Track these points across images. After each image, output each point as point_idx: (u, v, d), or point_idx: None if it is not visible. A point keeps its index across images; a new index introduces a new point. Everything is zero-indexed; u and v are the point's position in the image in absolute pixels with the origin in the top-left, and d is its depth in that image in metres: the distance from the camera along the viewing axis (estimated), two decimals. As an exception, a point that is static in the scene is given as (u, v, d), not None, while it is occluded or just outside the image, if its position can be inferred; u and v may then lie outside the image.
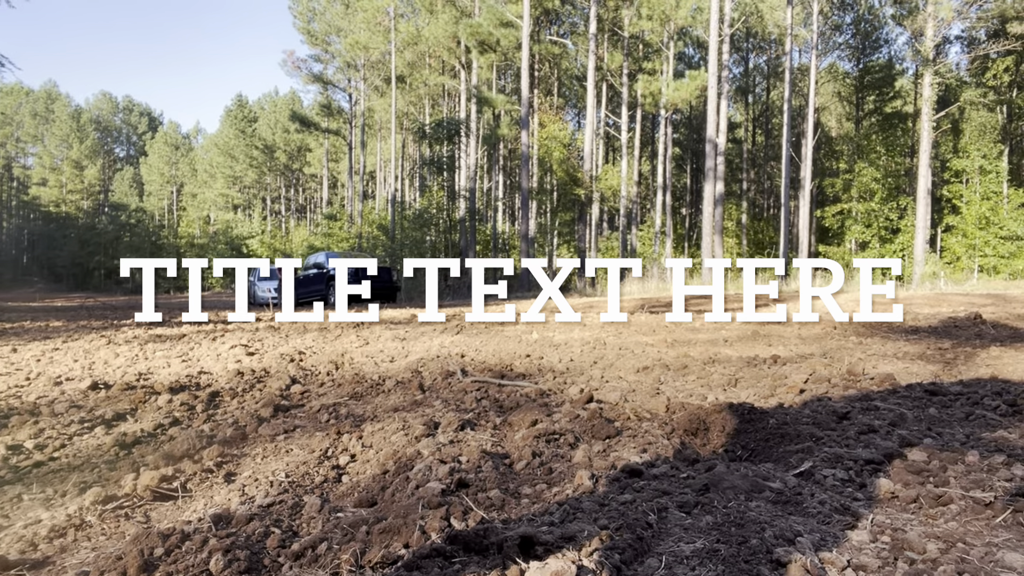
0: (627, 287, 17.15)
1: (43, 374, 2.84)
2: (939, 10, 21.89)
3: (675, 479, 1.27)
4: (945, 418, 1.72)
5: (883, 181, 27.23)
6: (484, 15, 24.49)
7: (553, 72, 32.32)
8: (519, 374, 2.80)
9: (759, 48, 35.04)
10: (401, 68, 31.28)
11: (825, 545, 0.91)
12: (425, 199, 26.93)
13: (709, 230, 19.25)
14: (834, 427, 1.68)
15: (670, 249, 27.20)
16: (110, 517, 1.20)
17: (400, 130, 36.19)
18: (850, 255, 28.30)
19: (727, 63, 21.00)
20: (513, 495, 1.21)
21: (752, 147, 38.96)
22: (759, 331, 4.53)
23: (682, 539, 0.96)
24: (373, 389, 2.49)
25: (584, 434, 1.62)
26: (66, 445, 1.70)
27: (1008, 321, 4.86)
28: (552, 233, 31.61)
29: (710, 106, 19.38)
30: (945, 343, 3.61)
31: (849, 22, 31.40)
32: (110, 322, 6.26)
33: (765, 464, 1.46)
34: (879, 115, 32.52)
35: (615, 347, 3.71)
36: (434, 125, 24.62)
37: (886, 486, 1.22)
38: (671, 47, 26.89)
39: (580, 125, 39.74)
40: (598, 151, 29.10)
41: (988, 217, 23.69)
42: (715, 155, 19.27)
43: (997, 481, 1.23)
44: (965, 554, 0.90)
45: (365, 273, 14.76)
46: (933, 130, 23.68)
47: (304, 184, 53.43)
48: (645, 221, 31.96)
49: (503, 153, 32.37)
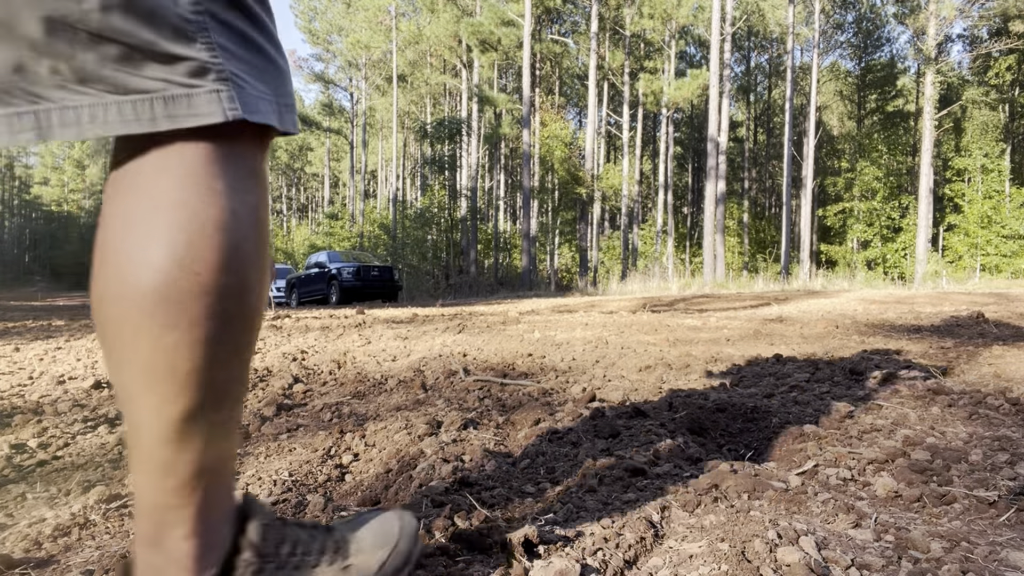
0: (629, 286, 17.16)
1: (46, 373, 2.84)
2: (941, 9, 21.85)
3: (678, 478, 1.27)
4: (948, 417, 1.72)
5: (885, 180, 27.18)
6: (485, 14, 24.49)
7: (554, 71, 32.31)
8: (521, 373, 2.81)
9: (761, 47, 35.00)
10: (402, 67, 31.29)
11: (828, 544, 0.91)
12: (426, 198, 26.96)
13: (711, 229, 19.24)
14: (837, 426, 1.68)
15: (672, 248, 27.22)
16: (114, 516, 1.20)
17: (401, 129, 36.21)
18: (852, 254, 28.29)
19: (729, 62, 20.98)
20: (516, 494, 1.21)
21: (754, 146, 38.93)
22: (761, 330, 4.52)
23: (686, 538, 0.96)
24: (375, 388, 2.49)
25: (587, 433, 1.62)
26: (69, 444, 1.70)
27: (1011, 320, 4.85)
28: (554, 232, 31.63)
29: (712, 105, 19.37)
30: (948, 342, 3.61)
31: (851, 21, 31.35)
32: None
33: (768, 463, 1.46)
34: (881, 114, 32.47)
35: (617, 346, 3.72)
36: (435, 124, 24.63)
37: (889, 485, 1.22)
38: (672, 46, 26.87)
39: (582, 124, 39.74)
40: (599, 150, 29.11)
41: (990, 216, 23.65)
42: (717, 154, 19.26)
43: (1000, 480, 1.23)
44: (969, 553, 0.90)
45: (367, 272, 14.78)
46: (935, 129, 23.65)
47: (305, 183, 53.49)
48: (647, 220, 31.96)
49: (504, 152, 32.37)
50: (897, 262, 26.10)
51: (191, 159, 0.49)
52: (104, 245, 0.50)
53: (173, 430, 0.52)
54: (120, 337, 0.50)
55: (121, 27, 0.45)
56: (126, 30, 0.46)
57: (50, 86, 0.46)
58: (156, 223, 0.48)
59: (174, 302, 0.48)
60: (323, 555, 0.66)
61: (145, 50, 0.47)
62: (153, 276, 0.48)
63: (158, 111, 0.48)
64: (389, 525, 0.74)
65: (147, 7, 0.46)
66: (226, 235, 0.50)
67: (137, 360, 0.50)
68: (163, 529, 0.56)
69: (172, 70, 0.48)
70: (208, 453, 0.55)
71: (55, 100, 0.46)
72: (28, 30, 0.44)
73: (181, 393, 0.51)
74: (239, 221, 0.50)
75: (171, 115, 0.48)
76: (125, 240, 0.48)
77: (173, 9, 0.47)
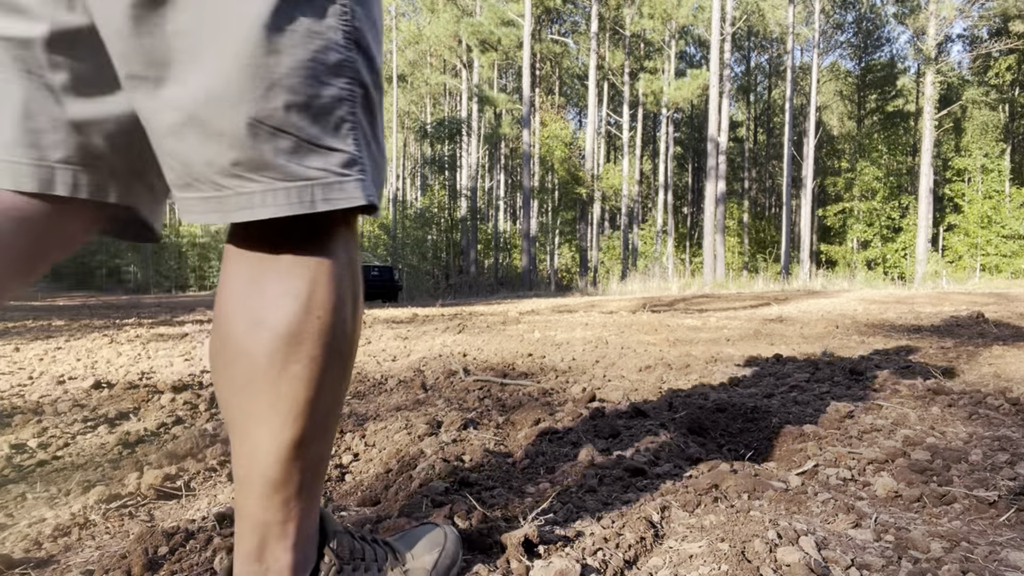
0: (629, 286, 17.16)
1: (46, 373, 2.84)
2: (941, 9, 21.86)
3: (678, 478, 1.27)
4: (948, 417, 1.72)
5: (885, 180, 27.18)
6: (485, 14, 24.49)
7: (554, 71, 32.31)
8: (521, 373, 2.81)
9: (761, 47, 34.98)
10: (402, 67, 31.30)
11: (828, 544, 0.91)
12: (426, 198, 26.98)
13: (711, 229, 19.24)
14: (837, 426, 1.68)
15: (672, 248, 27.21)
16: (114, 516, 1.20)
17: (401, 129, 36.20)
18: (852, 254, 28.29)
19: (729, 62, 20.99)
20: (516, 494, 1.21)
21: (754, 146, 38.92)
22: (761, 330, 4.52)
23: (686, 538, 0.96)
24: (375, 388, 2.49)
25: (587, 433, 1.62)
26: (69, 444, 1.70)
27: (1011, 320, 4.85)
28: (554, 232, 31.63)
29: (712, 105, 19.38)
30: (948, 342, 3.61)
31: (851, 21, 31.34)
32: (112, 321, 6.27)
33: (768, 463, 1.46)
34: (881, 114, 32.44)
35: (617, 346, 3.72)
36: (435, 124, 24.64)
37: (889, 485, 1.22)
38: (672, 46, 26.86)
39: (582, 124, 39.74)
40: (600, 150, 29.10)
41: (990, 216, 23.64)
42: (717, 154, 19.26)
43: (1000, 480, 1.23)
44: (969, 553, 0.90)
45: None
46: (935, 129, 23.66)
47: (305, 183, 53.47)
48: (647, 220, 31.94)
49: (504, 152, 32.36)
50: (897, 262, 26.11)
51: (314, 227, 0.60)
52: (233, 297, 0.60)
53: (288, 450, 0.61)
54: (252, 369, 0.59)
55: (296, 123, 0.55)
56: (300, 126, 0.55)
57: (229, 175, 0.55)
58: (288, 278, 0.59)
59: (302, 339, 0.59)
60: (385, 561, 0.77)
61: (311, 143, 0.56)
62: (287, 319, 0.58)
63: (317, 195, 0.57)
64: (435, 534, 0.86)
65: (317, 107, 0.56)
66: (336, 284, 0.61)
67: (264, 389, 0.59)
68: (267, 543, 0.64)
69: (329, 160, 0.58)
70: (310, 471, 0.64)
71: (232, 187, 0.56)
72: (231, 130, 0.53)
73: (299, 417, 0.60)
74: (343, 273, 0.62)
75: (327, 199, 0.58)
76: (263, 292, 0.59)
77: (335, 111, 0.57)
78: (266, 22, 0.52)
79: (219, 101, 0.53)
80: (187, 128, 0.54)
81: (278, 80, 0.53)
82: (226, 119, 0.53)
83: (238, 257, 0.61)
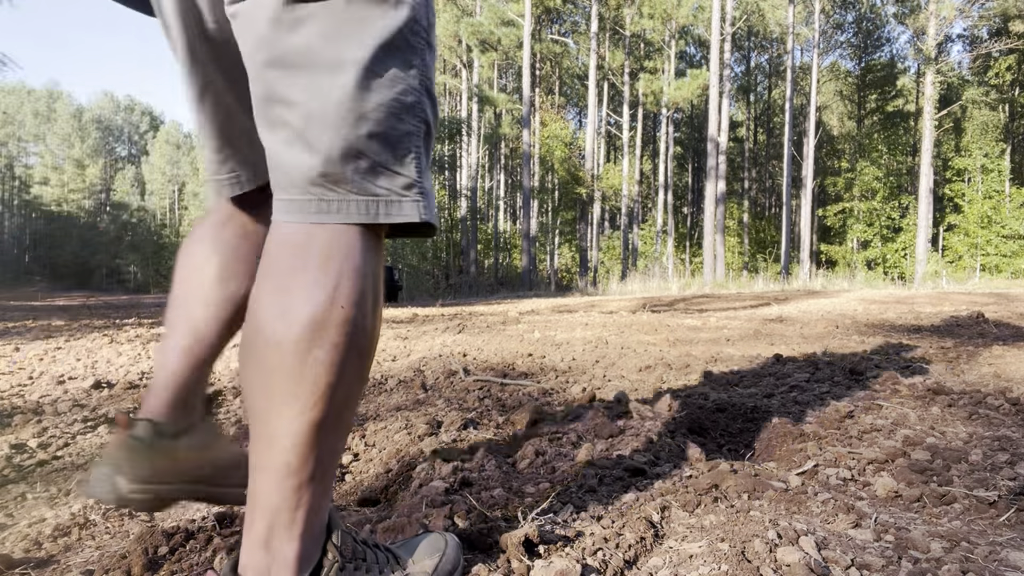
0: (629, 286, 17.16)
1: (46, 373, 2.84)
2: (941, 9, 21.85)
3: (678, 478, 1.27)
4: (948, 417, 1.72)
5: (885, 180, 27.16)
6: (485, 14, 24.49)
7: (554, 71, 32.30)
8: (521, 373, 2.81)
9: (761, 47, 34.97)
10: (402, 67, 31.14)
11: (828, 544, 0.91)
12: (426, 198, 26.81)
13: (711, 229, 19.24)
14: (837, 426, 1.68)
15: (672, 248, 27.20)
16: (114, 516, 1.20)
17: (401, 129, 36.08)
18: (852, 254, 28.27)
19: (729, 62, 20.99)
20: (516, 494, 1.21)
21: (754, 146, 38.91)
22: (761, 330, 4.52)
23: (686, 538, 0.96)
24: (376, 388, 2.49)
25: (587, 433, 1.62)
26: (69, 444, 1.70)
27: (1011, 320, 4.86)
28: (554, 232, 31.62)
29: (712, 105, 19.38)
30: (948, 342, 3.61)
31: (851, 21, 31.32)
32: (112, 321, 6.27)
33: (768, 463, 1.46)
34: (881, 114, 32.43)
35: (617, 346, 3.72)
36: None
37: (889, 485, 1.22)
38: (672, 46, 26.85)
39: (582, 124, 39.74)
40: (600, 150, 29.09)
41: (990, 216, 23.62)
42: (717, 154, 19.27)
43: (1000, 480, 1.23)
44: (969, 553, 0.90)
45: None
46: (935, 129, 23.66)
47: (305, 183, 53.39)
48: (647, 220, 31.91)
49: (504, 152, 32.35)
50: (897, 262, 26.10)
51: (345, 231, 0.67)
52: (267, 288, 0.67)
53: (305, 435, 0.65)
54: (280, 353, 0.64)
55: (375, 149, 0.66)
56: (376, 151, 0.66)
57: (315, 184, 0.66)
58: (317, 272, 0.65)
59: (326, 326, 0.64)
60: (386, 564, 0.79)
61: (383, 166, 0.67)
62: (313, 306, 0.64)
63: (380, 210, 0.68)
64: (436, 539, 0.88)
65: (392, 138, 0.67)
66: (360, 282, 0.67)
67: (289, 372, 0.64)
68: (275, 530, 0.66)
69: (394, 182, 0.68)
70: (324, 461, 0.67)
71: (315, 194, 0.66)
72: (326, 148, 0.64)
73: (318, 403, 0.65)
74: (367, 273, 0.69)
75: (387, 213, 0.68)
76: (295, 284, 0.65)
77: (405, 142, 0.68)
78: (366, 66, 0.64)
79: (321, 123, 0.64)
80: (296, 141, 0.65)
81: (366, 113, 0.65)
82: (325, 138, 0.64)
83: (278, 251, 0.68)
